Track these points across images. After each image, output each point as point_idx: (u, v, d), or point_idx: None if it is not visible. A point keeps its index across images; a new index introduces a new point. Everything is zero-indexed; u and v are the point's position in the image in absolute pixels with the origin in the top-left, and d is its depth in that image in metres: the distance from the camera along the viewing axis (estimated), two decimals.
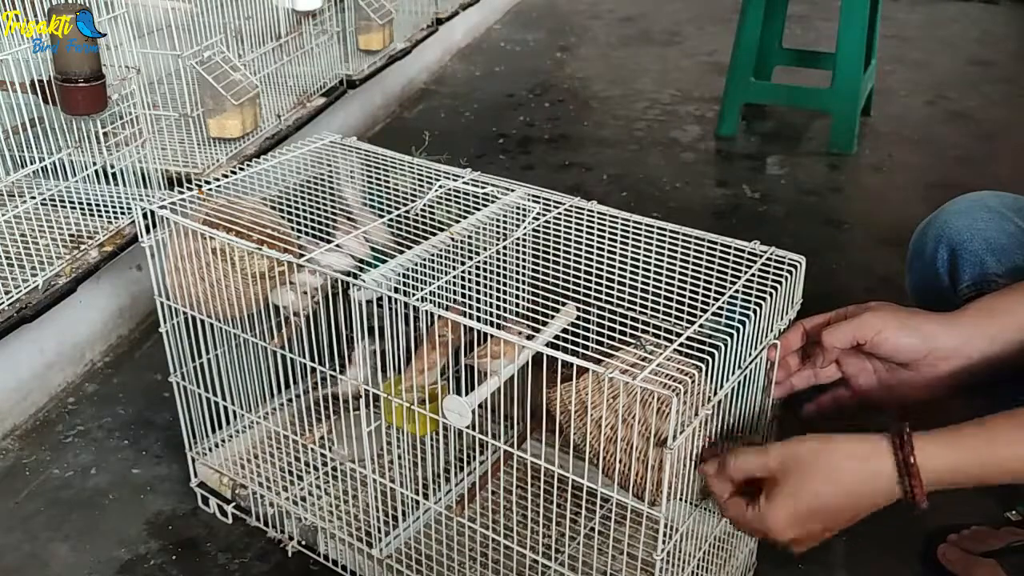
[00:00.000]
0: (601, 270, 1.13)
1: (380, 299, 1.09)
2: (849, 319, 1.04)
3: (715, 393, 0.98)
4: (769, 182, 2.72)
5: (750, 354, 1.03)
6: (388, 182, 1.34)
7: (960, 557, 1.32)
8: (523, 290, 1.26)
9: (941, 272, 1.22)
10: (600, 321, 1.06)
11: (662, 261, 1.12)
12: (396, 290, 1.07)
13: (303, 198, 1.30)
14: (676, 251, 1.13)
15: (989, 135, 3.02)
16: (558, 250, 1.16)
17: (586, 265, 1.15)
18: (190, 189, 1.29)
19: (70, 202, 1.70)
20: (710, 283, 1.09)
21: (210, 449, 1.45)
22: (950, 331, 1.01)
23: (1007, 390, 1.02)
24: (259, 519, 1.40)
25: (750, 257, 1.09)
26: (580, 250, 1.16)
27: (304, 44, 2.30)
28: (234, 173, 1.35)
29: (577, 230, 1.19)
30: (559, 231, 1.19)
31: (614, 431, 0.95)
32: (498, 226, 1.23)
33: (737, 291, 1.04)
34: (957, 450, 0.90)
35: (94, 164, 1.65)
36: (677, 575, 1.07)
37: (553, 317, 1.09)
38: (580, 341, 0.94)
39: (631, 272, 1.13)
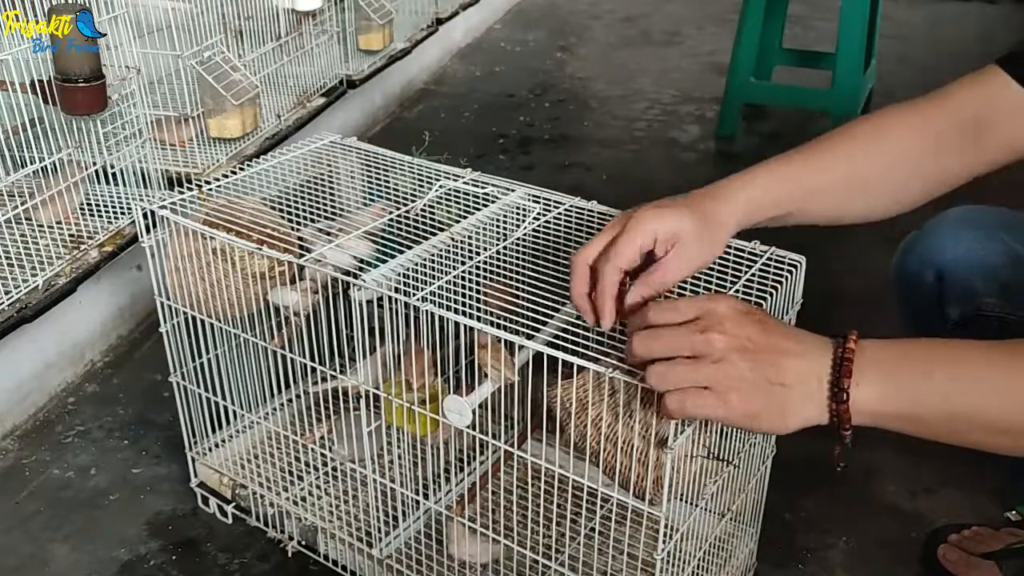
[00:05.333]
0: None
1: (380, 299, 1.09)
2: (628, 233, 0.91)
3: None
4: None
5: None
6: (388, 182, 1.34)
7: (960, 558, 1.32)
8: (523, 290, 1.26)
9: (928, 296, 1.22)
10: None
11: None
12: (396, 290, 1.07)
13: (303, 198, 1.30)
14: None
15: None
16: (558, 250, 1.16)
17: None
18: (190, 189, 1.29)
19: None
20: (710, 283, 1.09)
21: (210, 449, 1.45)
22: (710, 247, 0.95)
23: None
24: (259, 519, 1.40)
25: (750, 257, 1.09)
26: None
27: (304, 44, 2.30)
28: (234, 173, 1.35)
29: (577, 230, 1.19)
30: (559, 231, 1.19)
31: (612, 430, 0.95)
32: (498, 226, 1.23)
33: (737, 291, 1.04)
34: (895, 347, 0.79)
35: (94, 164, 1.66)
36: (677, 575, 1.07)
37: (552, 317, 1.08)
38: (580, 340, 0.94)
39: None
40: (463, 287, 1.12)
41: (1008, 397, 0.74)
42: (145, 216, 1.28)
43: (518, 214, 1.24)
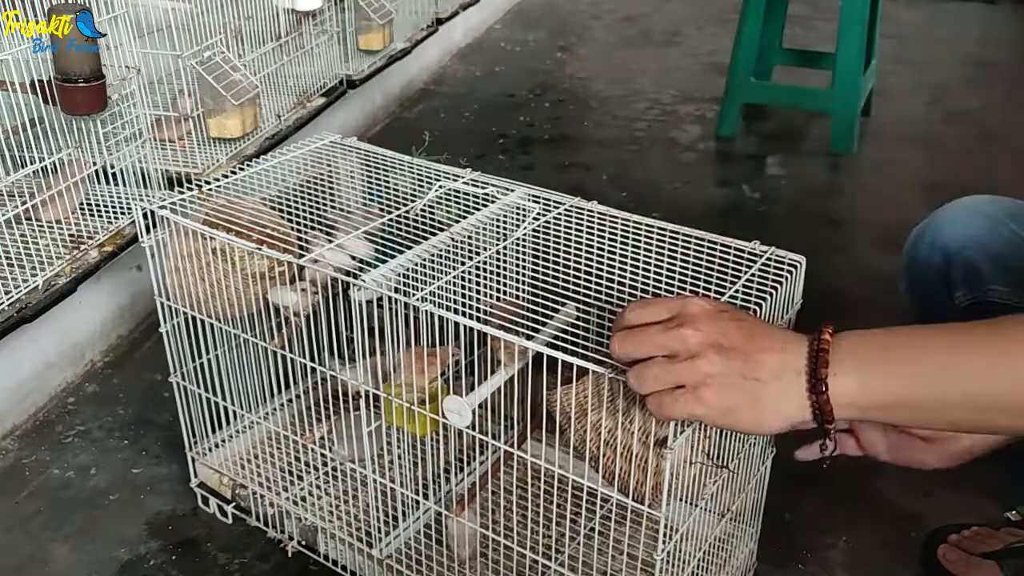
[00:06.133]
0: (601, 270, 1.13)
1: (380, 299, 1.09)
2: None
3: None
4: (769, 182, 2.72)
5: None
6: (388, 182, 1.34)
7: (960, 558, 1.32)
8: (523, 290, 1.26)
9: (936, 279, 1.22)
10: (600, 321, 1.06)
11: (662, 261, 1.12)
12: (396, 290, 1.07)
13: (303, 198, 1.30)
14: (676, 251, 1.12)
15: (989, 135, 3.03)
16: (558, 250, 1.16)
17: (586, 265, 1.15)
18: (190, 189, 1.29)
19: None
20: (710, 283, 1.09)
21: (210, 449, 1.45)
22: None
23: None
24: (259, 519, 1.40)
25: (750, 257, 1.09)
26: (580, 250, 1.16)
27: (304, 44, 2.30)
28: (234, 173, 1.35)
29: (577, 230, 1.19)
30: (559, 231, 1.19)
31: (612, 435, 0.95)
32: (498, 226, 1.23)
33: (737, 291, 1.04)
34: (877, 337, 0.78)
35: (94, 164, 1.66)
36: (677, 575, 1.07)
37: (552, 317, 1.08)
38: (580, 341, 0.94)
39: (631, 272, 1.13)
40: (463, 287, 1.12)
41: (997, 373, 0.73)
42: (145, 216, 1.28)
43: (518, 214, 1.24)
